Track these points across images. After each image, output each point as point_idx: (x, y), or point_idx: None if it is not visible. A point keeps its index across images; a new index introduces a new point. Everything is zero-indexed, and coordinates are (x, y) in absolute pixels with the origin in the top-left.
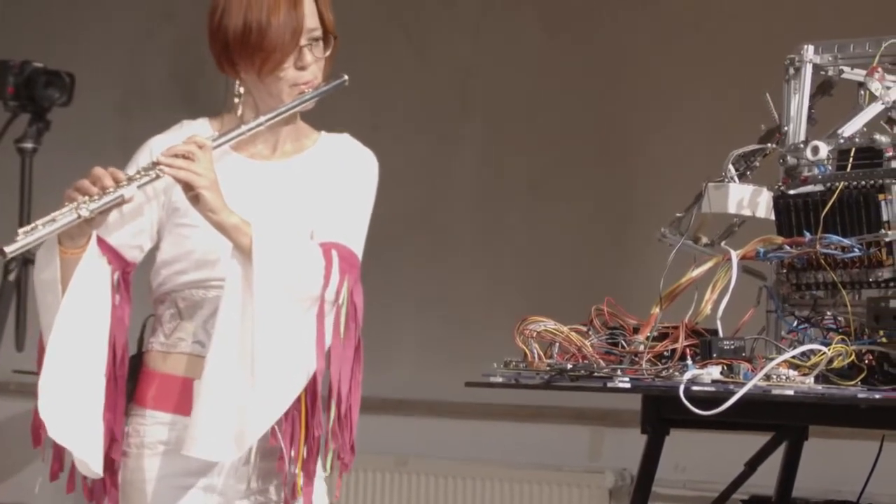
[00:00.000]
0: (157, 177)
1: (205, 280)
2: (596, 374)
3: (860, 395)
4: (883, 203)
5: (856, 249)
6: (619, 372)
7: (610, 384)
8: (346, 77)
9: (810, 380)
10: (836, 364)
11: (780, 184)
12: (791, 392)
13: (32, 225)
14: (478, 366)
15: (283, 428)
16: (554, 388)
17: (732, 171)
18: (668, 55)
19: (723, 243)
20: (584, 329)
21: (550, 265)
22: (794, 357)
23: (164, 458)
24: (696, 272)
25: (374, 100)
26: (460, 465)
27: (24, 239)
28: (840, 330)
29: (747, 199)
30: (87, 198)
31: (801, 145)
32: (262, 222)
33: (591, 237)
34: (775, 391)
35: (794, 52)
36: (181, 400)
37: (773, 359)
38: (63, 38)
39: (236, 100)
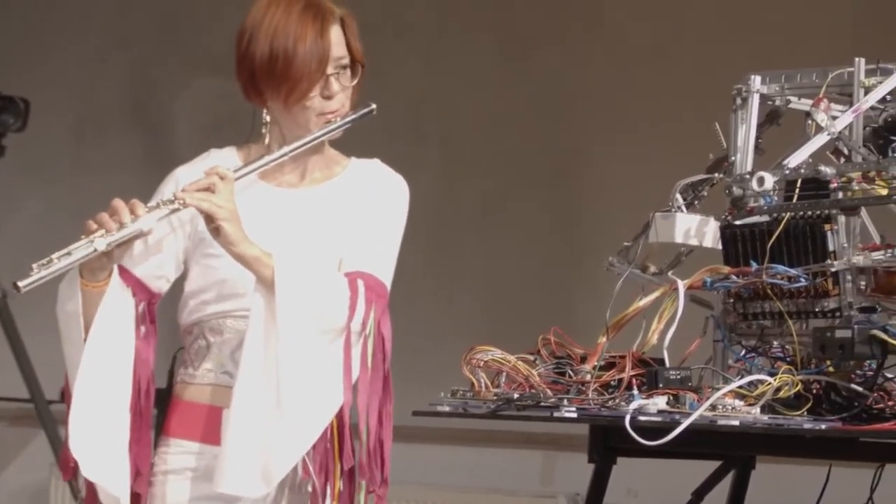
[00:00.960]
0: (178, 209)
1: (232, 310)
2: (542, 403)
3: (806, 426)
4: (829, 233)
5: (802, 279)
6: (565, 401)
7: (556, 414)
8: (373, 106)
9: (756, 410)
10: (782, 394)
11: (726, 214)
12: (737, 422)
13: (48, 258)
14: (429, 392)
15: (313, 461)
16: (500, 418)
17: (680, 200)
18: (621, 82)
19: (670, 273)
20: (532, 358)
21: (504, 290)
22: (740, 387)
23: (190, 484)
24: (643, 302)
25: None
26: (412, 489)
27: (38, 273)
28: (788, 359)
29: (694, 228)
30: (103, 231)
31: (747, 176)
32: (283, 253)
33: (545, 262)
34: (721, 421)
35: (741, 81)
36: (208, 428)
37: (719, 389)
38: (17, 64)
39: (263, 129)
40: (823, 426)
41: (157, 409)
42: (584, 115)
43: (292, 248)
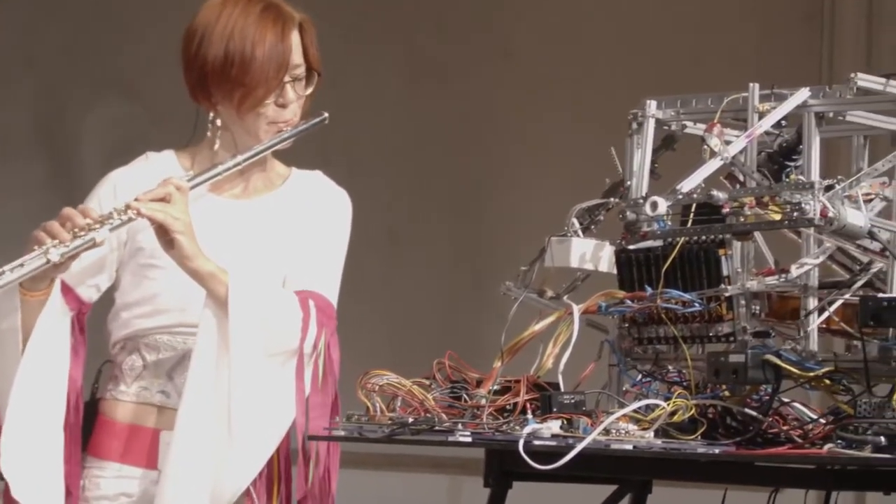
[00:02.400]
0: (131, 219)
1: (172, 325)
2: (437, 428)
3: (700, 450)
4: (723, 258)
5: (696, 304)
6: (460, 426)
7: (451, 438)
8: (325, 115)
9: (650, 434)
10: (676, 418)
11: (621, 239)
12: (630, 446)
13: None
14: None
15: (257, 487)
16: (395, 442)
17: (576, 224)
18: (525, 108)
19: (566, 297)
20: (427, 383)
21: (409, 316)
22: (635, 411)
23: None
24: (538, 326)
25: None
26: None
27: None
28: (684, 384)
29: (590, 253)
30: (56, 241)
31: (641, 200)
32: (238, 271)
33: (450, 288)
34: (614, 445)
35: (637, 106)
36: (147, 453)
37: (613, 413)
38: None
39: (209, 133)
40: (717, 450)
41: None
42: (489, 142)
43: (236, 260)
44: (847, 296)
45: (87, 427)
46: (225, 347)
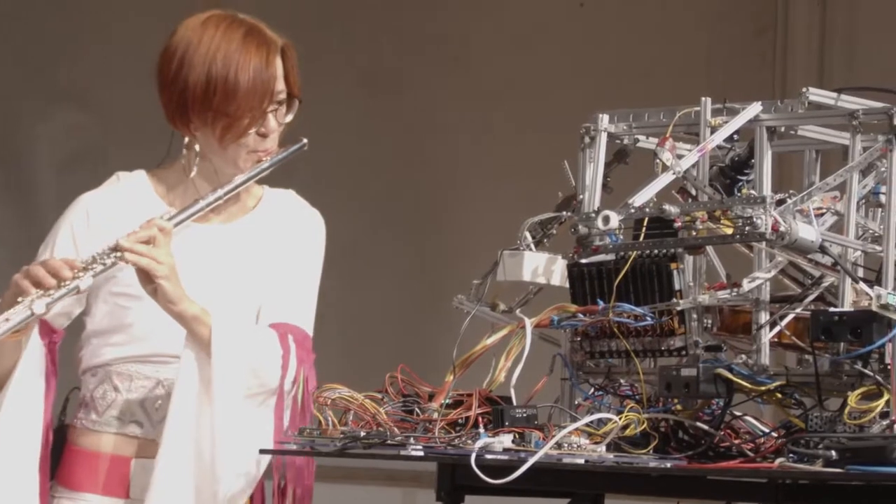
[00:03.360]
0: (114, 264)
1: (146, 355)
2: (389, 441)
3: (652, 464)
4: (675, 272)
5: (648, 318)
6: (412, 440)
7: (403, 452)
8: (305, 141)
9: (602, 448)
10: (628, 432)
11: (573, 252)
12: (582, 460)
13: None
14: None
15: None
16: (347, 456)
17: (528, 238)
18: (479, 121)
19: (518, 311)
20: (380, 396)
21: (366, 331)
22: (587, 425)
23: None
24: (490, 340)
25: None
26: None
27: None
28: (636, 398)
29: (542, 267)
30: (40, 291)
31: (593, 214)
32: (220, 312)
33: (407, 303)
34: (566, 459)
35: (590, 120)
36: (120, 482)
37: (564, 427)
38: None
39: (183, 160)
40: (669, 464)
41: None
42: (444, 155)
43: (213, 288)
44: (798, 310)
45: (55, 454)
46: (206, 388)
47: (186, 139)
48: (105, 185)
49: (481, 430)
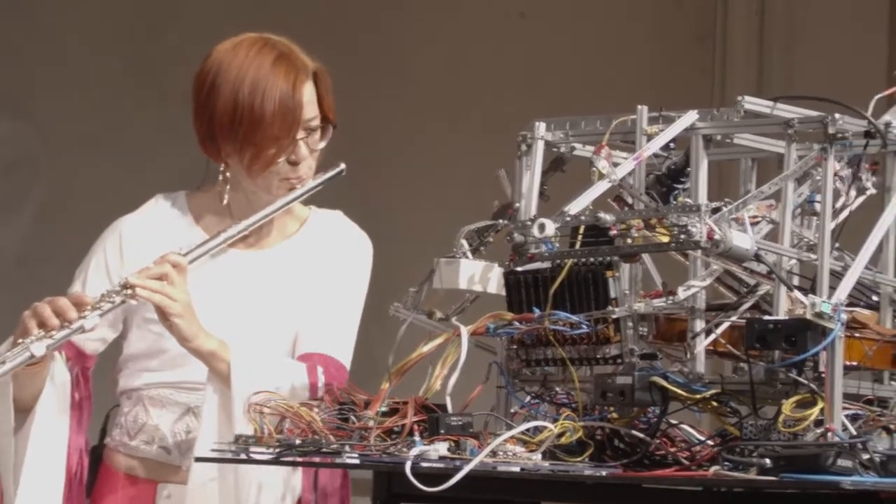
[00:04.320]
0: (124, 301)
1: (175, 382)
2: (324, 449)
3: (587, 472)
4: (611, 280)
5: (584, 326)
6: (347, 447)
7: (338, 460)
8: (343, 166)
9: (537, 456)
10: (564, 440)
11: (509, 260)
12: (517, 468)
13: None
14: None
15: None
16: (282, 464)
17: (465, 246)
18: (416, 129)
19: (455, 319)
20: (315, 404)
21: None
22: (522, 433)
23: None
24: (426, 347)
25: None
26: None
27: None
28: (572, 406)
29: (478, 274)
30: (41, 333)
31: (529, 222)
32: (240, 346)
33: None
34: (501, 467)
35: (527, 128)
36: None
37: (500, 435)
38: None
39: (219, 187)
40: (605, 472)
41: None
42: (381, 162)
43: (245, 317)
44: (734, 318)
45: (94, 471)
46: (229, 426)
47: (221, 167)
48: (142, 208)
49: (417, 438)
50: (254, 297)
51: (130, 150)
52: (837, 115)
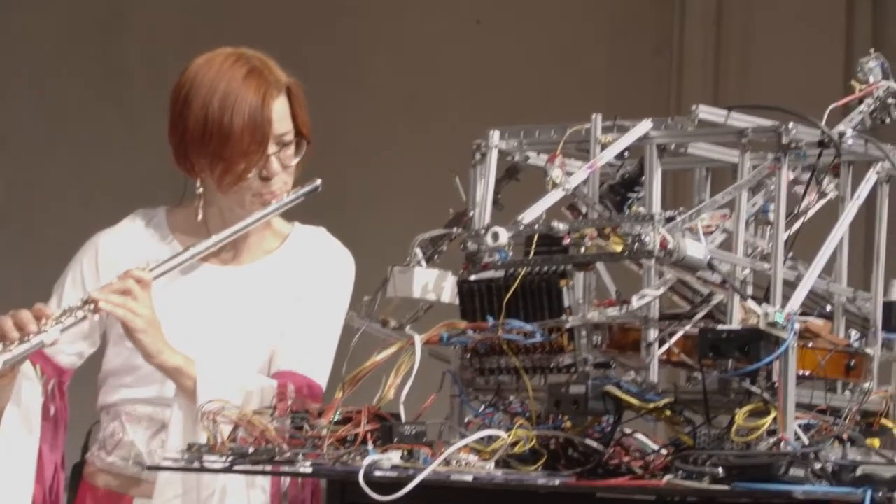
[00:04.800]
0: (85, 317)
1: (152, 398)
2: (278, 458)
3: (540, 481)
4: (564, 289)
5: (537, 335)
6: (300, 456)
7: (292, 469)
8: (318, 182)
9: (491, 465)
10: (517, 449)
11: (462, 269)
12: (471, 477)
13: None
14: None
15: None
16: (236, 472)
17: (419, 254)
18: (370, 137)
19: (408, 328)
20: (268, 413)
21: None
22: (476, 442)
23: None
24: (380, 356)
25: (86, 175)
26: None
27: None
28: (526, 415)
29: (432, 283)
30: (1, 345)
31: (483, 231)
32: (206, 363)
33: None
34: (455, 476)
35: (481, 136)
36: None
37: (453, 444)
38: None
39: (196, 202)
40: (558, 481)
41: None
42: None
43: (220, 333)
44: (687, 327)
45: (74, 487)
46: (195, 438)
47: (197, 182)
48: (120, 224)
49: (370, 446)
50: (229, 313)
51: (88, 151)
52: (791, 125)
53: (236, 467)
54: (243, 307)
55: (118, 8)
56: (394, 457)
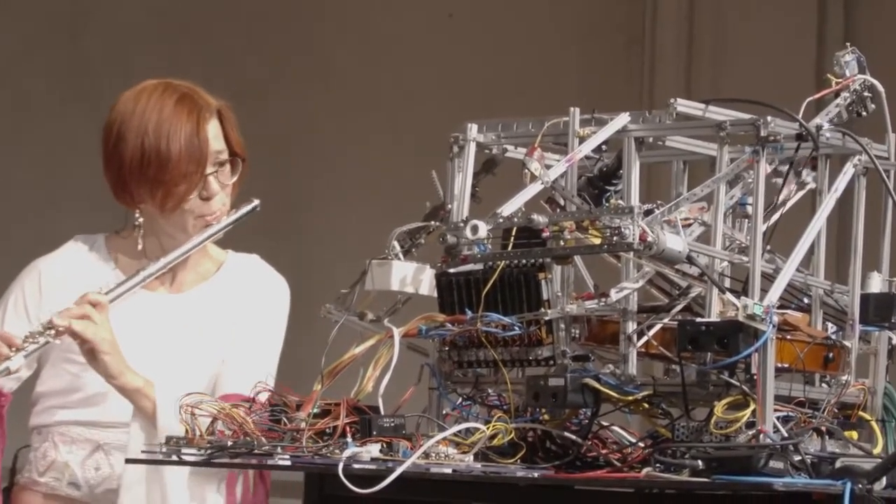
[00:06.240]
0: (48, 342)
1: (90, 421)
2: (256, 451)
3: (519, 473)
4: (543, 282)
5: (516, 328)
6: (279, 449)
7: (270, 461)
8: (256, 202)
9: (470, 458)
10: (496, 441)
11: (441, 262)
12: (450, 470)
13: None
14: None
15: None
16: (214, 465)
17: (397, 247)
18: (346, 130)
19: (387, 320)
20: (247, 405)
21: None
22: (455, 434)
23: None
24: (358, 349)
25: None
26: None
27: None
28: (504, 407)
29: (410, 276)
30: None
31: (462, 224)
32: (165, 384)
33: None
34: (434, 469)
35: (459, 130)
36: None
37: (432, 436)
38: None
39: (135, 232)
40: (537, 474)
41: None
42: (310, 164)
43: (164, 360)
44: (666, 320)
45: None
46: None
47: (136, 213)
48: (61, 249)
49: (349, 439)
50: (171, 339)
51: (54, 150)
52: (770, 118)
53: (214, 460)
54: (185, 332)
55: (84, 6)
56: (373, 449)
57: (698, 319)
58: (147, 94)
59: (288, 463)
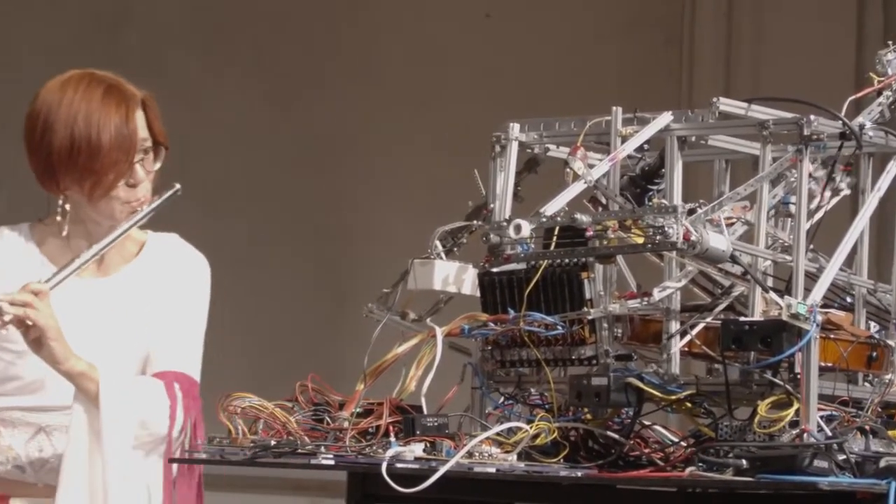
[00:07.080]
0: None
1: (30, 407)
2: (300, 450)
3: (562, 473)
4: (586, 281)
5: (559, 327)
6: (322, 448)
7: (313, 461)
8: (178, 186)
9: (513, 457)
10: (539, 441)
11: (484, 261)
12: (493, 469)
13: None
14: None
15: None
16: (258, 465)
17: (439, 247)
18: (388, 130)
19: (429, 320)
20: (290, 405)
21: (269, 339)
22: (498, 434)
23: None
24: (401, 349)
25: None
26: None
27: None
28: (546, 407)
29: (453, 275)
30: None
31: (505, 223)
32: (107, 367)
33: (311, 309)
34: (477, 468)
35: (500, 129)
36: None
37: (475, 436)
38: None
39: (58, 218)
40: (580, 473)
41: None
42: (353, 164)
43: (96, 343)
44: (709, 319)
45: None
46: (97, 440)
47: (60, 199)
48: None
49: (392, 439)
50: (98, 322)
51: None
52: (813, 117)
53: (258, 459)
54: (110, 316)
55: (126, 2)
56: (416, 449)
57: (742, 318)
58: (73, 84)
59: (332, 462)
